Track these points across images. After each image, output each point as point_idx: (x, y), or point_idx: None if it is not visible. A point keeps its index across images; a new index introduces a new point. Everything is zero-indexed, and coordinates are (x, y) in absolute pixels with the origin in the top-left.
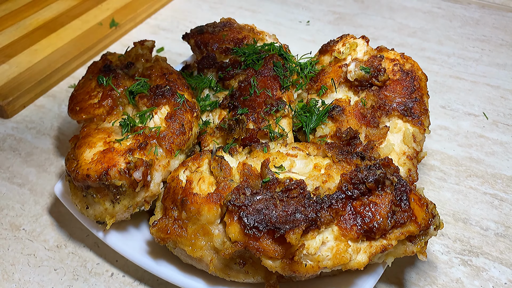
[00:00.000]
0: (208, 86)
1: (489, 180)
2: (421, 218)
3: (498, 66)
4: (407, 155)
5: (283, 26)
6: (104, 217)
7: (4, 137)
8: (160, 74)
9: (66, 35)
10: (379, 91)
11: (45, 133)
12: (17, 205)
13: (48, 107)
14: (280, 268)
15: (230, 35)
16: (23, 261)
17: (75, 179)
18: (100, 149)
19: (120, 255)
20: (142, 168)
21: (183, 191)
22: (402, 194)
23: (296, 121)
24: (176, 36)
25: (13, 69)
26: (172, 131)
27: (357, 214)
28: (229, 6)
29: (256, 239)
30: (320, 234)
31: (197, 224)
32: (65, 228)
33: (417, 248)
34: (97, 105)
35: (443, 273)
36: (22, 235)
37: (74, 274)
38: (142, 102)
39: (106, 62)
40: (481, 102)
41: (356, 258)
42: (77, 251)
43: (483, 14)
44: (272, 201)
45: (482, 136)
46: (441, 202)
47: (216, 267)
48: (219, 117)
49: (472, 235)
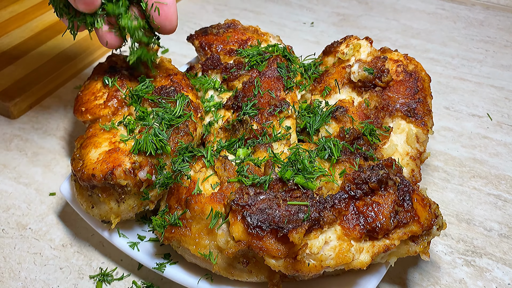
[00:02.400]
0: (212, 87)
1: (493, 181)
2: (423, 218)
3: (503, 67)
4: (410, 155)
5: (287, 27)
6: (109, 216)
7: (10, 138)
8: (165, 75)
9: (72, 36)
10: (383, 92)
11: (51, 133)
12: (23, 205)
13: (54, 108)
14: (283, 267)
15: (234, 37)
16: (29, 259)
17: (81, 179)
18: (106, 149)
19: (125, 254)
20: (147, 167)
21: (187, 191)
22: (405, 194)
23: (300, 122)
24: (181, 38)
25: (19, 70)
26: (176, 131)
27: (360, 214)
28: (233, 8)
29: (259, 238)
30: (323, 234)
31: (201, 223)
32: (71, 227)
33: (420, 248)
34: (102, 105)
35: (446, 273)
36: (28, 234)
37: (79, 273)
38: (147, 103)
39: (112, 64)
40: (485, 103)
41: (359, 258)
42: (82, 250)
43: (487, 16)
44: (276, 200)
45: (486, 137)
46: (445, 203)
47: (219, 266)
48: (223, 118)
49: (475, 235)
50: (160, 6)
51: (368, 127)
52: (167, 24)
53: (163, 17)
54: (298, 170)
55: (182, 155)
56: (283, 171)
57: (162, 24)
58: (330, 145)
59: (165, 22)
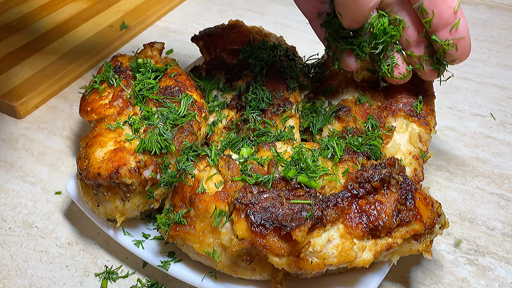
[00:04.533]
0: (216, 87)
1: (496, 180)
2: (426, 217)
3: (506, 67)
4: (413, 155)
5: (290, 27)
6: (114, 214)
7: (17, 137)
8: (169, 75)
9: (78, 37)
10: (385, 92)
11: (57, 133)
12: (29, 203)
13: (60, 107)
14: (286, 265)
15: (238, 37)
16: (35, 257)
17: (86, 178)
18: (111, 148)
19: (130, 252)
20: (152, 166)
21: (192, 190)
22: (408, 193)
23: (303, 121)
24: (185, 38)
25: (26, 70)
26: (181, 131)
27: (362, 212)
28: (237, 8)
29: (262, 237)
30: (325, 232)
31: (205, 221)
32: (76, 226)
33: (422, 246)
34: (107, 105)
35: (449, 272)
36: (35, 232)
37: (85, 271)
38: (151, 103)
39: (117, 64)
40: (489, 102)
41: (362, 256)
42: (88, 248)
43: (491, 15)
44: (279, 199)
45: (489, 136)
46: (448, 202)
47: (223, 264)
48: (227, 118)
49: (478, 234)
50: (458, 42)
51: (371, 122)
52: (464, 57)
53: (461, 52)
54: (301, 169)
55: (186, 154)
56: (286, 170)
57: (459, 57)
58: (333, 144)
59: (461, 55)
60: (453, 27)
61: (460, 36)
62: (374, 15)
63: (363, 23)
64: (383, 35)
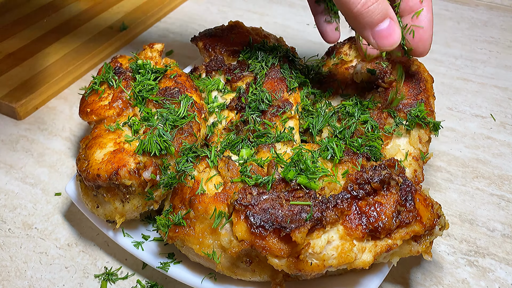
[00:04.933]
0: (216, 88)
1: (496, 181)
2: (426, 218)
3: (506, 68)
4: (413, 156)
5: (290, 28)
6: (114, 216)
7: (17, 138)
8: (169, 76)
9: (78, 38)
10: (385, 93)
11: (56, 134)
12: (29, 205)
13: (60, 109)
14: (286, 266)
15: (238, 38)
16: (35, 259)
17: (86, 179)
18: (111, 149)
19: (130, 254)
20: (151, 168)
21: (191, 191)
22: (407, 194)
23: (303, 123)
24: (185, 39)
25: (26, 71)
26: (180, 132)
27: (362, 213)
28: (237, 9)
29: (262, 238)
30: (325, 233)
31: (204, 223)
32: (76, 227)
33: (422, 248)
34: (107, 106)
35: (449, 273)
36: (34, 233)
37: (84, 272)
38: (151, 104)
39: (117, 65)
40: (489, 103)
41: (361, 257)
42: (87, 249)
43: (491, 16)
44: (278, 200)
45: (489, 137)
46: (448, 203)
47: (223, 265)
48: (227, 119)
49: (478, 236)
50: (416, 29)
51: (370, 123)
52: (419, 46)
53: (417, 40)
54: (301, 170)
55: (186, 156)
56: (286, 171)
57: (415, 46)
58: (333, 146)
59: (418, 44)
60: (414, 15)
61: (419, 25)
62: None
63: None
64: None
